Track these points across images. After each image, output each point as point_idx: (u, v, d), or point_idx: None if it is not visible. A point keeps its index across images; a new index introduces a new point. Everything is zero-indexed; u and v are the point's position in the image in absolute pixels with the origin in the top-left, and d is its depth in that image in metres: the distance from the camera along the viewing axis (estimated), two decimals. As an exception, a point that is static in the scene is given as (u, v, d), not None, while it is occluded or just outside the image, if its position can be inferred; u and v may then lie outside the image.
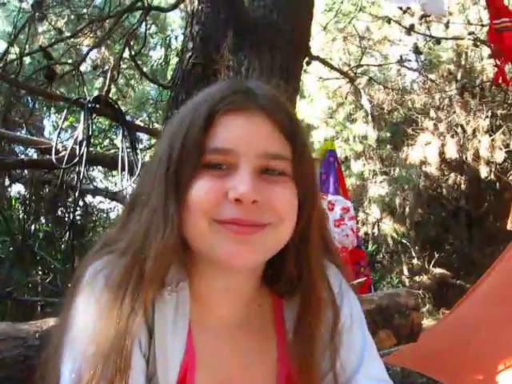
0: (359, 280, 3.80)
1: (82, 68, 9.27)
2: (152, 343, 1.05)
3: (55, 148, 3.65)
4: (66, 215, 5.95)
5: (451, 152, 9.62)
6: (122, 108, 10.17)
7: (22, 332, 1.83)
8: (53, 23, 7.54)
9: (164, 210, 1.01)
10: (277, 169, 1.03)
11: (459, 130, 9.80)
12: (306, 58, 4.69)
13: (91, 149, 4.25)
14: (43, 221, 6.92)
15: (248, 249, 0.99)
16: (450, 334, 3.59)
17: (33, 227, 6.47)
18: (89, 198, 7.98)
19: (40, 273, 6.61)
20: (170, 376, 1.05)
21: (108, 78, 3.74)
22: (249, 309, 1.17)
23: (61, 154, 3.65)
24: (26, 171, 6.24)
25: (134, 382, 0.99)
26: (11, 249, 6.36)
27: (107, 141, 9.74)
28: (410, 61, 9.38)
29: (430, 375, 3.61)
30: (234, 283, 1.12)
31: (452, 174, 10.22)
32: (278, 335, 1.17)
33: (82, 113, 3.64)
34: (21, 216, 6.78)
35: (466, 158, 9.74)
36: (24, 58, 7.23)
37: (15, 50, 6.63)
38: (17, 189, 7.62)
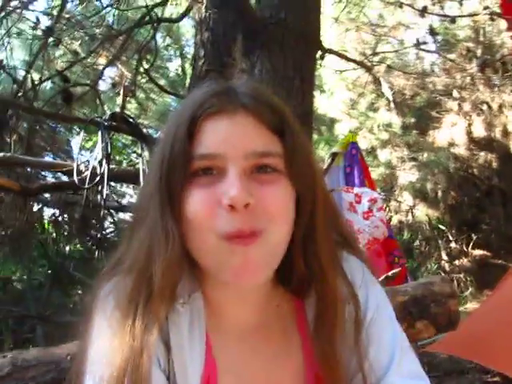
0: (394, 271, 3.73)
1: (103, 87, 9.43)
2: (170, 358, 1.04)
3: (77, 169, 3.69)
4: (98, 234, 6.02)
5: (479, 131, 9.45)
6: (144, 122, 10.33)
7: (54, 356, 1.84)
8: (68, 46, 7.66)
9: (162, 225, 0.99)
10: (268, 166, 1.00)
11: (485, 107, 9.61)
12: (319, 52, 4.66)
13: (113, 166, 4.27)
14: (77, 241, 7.01)
15: (251, 268, 0.97)
16: (494, 315, 3.49)
17: (68, 248, 6.57)
18: (120, 215, 8.06)
19: (80, 292, 6.69)
20: None
21: (122, 94, 3.76)
22: (267, 311, 1.14)
23: (84, 175, 3.69)
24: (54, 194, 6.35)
25: None
26: (49, 272, 6.45)
27: (134, 155, 9.82)
28: (426, 43, 9.22)
29: (478, 361, 3.53)
30: (245, 290, 1.10)
31: (482, 153, 10.02)
32: (302, 336, 1.14)
33: (100, 132, 3.67)
34: (55, 239, 6.90)
35: (495, 136, 9.55)
36: (44, 84, 7.38)
37: (34, 77, 6.76)
38: (49, 212, 7.75)
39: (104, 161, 3.50)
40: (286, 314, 1.16)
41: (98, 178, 3.49)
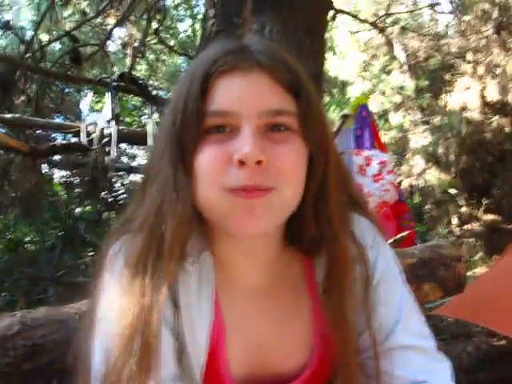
0: (402, 234, 3.72)
1: (112, 48, 9.35)
2: (178, 317, 1.04)
3: (86, 130, 3.68)
4: (108, 196, 6.05)
5: (492, 94, 9.31)
6: (154, 83, 10.27)
7: (62, 315, 1.86)
8: (76, 6, 7.57)
9: (174, 182, 0.98)
10: (281, 125, 0.98)
11: (499, 70, 9.44)
12: (331, 13, 4.57)
13: (123, 127, 4.25)
14: (88, 203, 7.04)
15: (255, 217, 0.95)
16: (501, 280, 3.49)
17: (78, 210, 6.60)
18: (130, 177, 8.07)
19: (91, 254, 6.74)
20: (199, 347, 1.05)
21: (130, 55, 3.71)
22: (276, 271, 1.14)
23: (92, 136, 3.68)
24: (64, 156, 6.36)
25: (163, 358, 0.98)
26: (61, 234, 6.50)
27: (144, 117, 9.77)
28: (439, 4, 9.04)
29: (484, 324, 3.53)
30: (254, 247, 1.09)
31: (495, 117, 9.90)
32: (311, 295, 1.15)
33: (108, 92, 3.64)
34: (66, 200, 6.93)
35: (509, 100, 9.41)
36: (53, 44, 7.33)
37: (42, 37, 6.71)
38: (59, 175, 7.77)
39: (113, 121, 3.48)
40: (296, 273, 1.16)
41: (105, 139, 3.48)
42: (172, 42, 9.96)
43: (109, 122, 3.50)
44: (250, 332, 1.12)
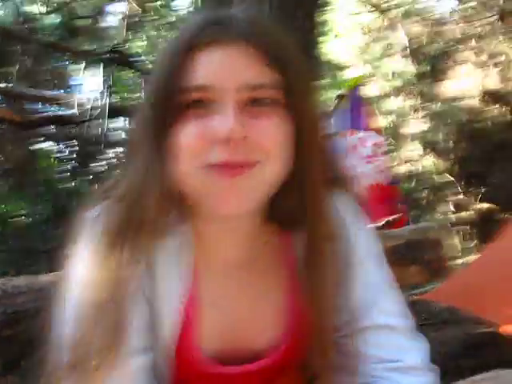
0: (394, 216, 3.72)
1: (113, 22, 9.30)
2: (154, 289, 1.04)
3: (78, 102, 3.66)
4: (102, 169, 6.04)
5: (494, 82, 9.27)
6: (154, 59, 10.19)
7: (43, 283, 1.87)
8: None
9: (155, 157, 0.97)
10: (263, 99, 0.96)
11: (502, 58, 9.39)
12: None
13: (115, 100, 4.23)
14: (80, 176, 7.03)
15: (237, 197, 0.95)
16: (490, 268, 3.50)
17: (71, 183, 6.59)
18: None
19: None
20: (172, 320, 1.05)
21: (124, 27, 3.68)
22: (254, 246, 1.13)
23: (84, 108, 3.66)
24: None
25: (135, 329, 0.98)
26: (53, 207, 6.49)
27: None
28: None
29: (473, 311, 3.55)
30: (234, 223, 1.08)
31: (496, 105, 9.86)
32: (289, 271, 1.15)
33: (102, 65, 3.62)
34: (59, 174, 6.92)
35: (509, 88, 9.37)
36: (51, 16, 7.28)
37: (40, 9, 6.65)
38: (52, 148, 7.74)
39: (105, 93, 3.47)
40: (274, 249, 1.16)
41: (98, 111, 3.46)
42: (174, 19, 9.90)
43: (101, 93, 3.48)
44: (226, 307, 1.12)
